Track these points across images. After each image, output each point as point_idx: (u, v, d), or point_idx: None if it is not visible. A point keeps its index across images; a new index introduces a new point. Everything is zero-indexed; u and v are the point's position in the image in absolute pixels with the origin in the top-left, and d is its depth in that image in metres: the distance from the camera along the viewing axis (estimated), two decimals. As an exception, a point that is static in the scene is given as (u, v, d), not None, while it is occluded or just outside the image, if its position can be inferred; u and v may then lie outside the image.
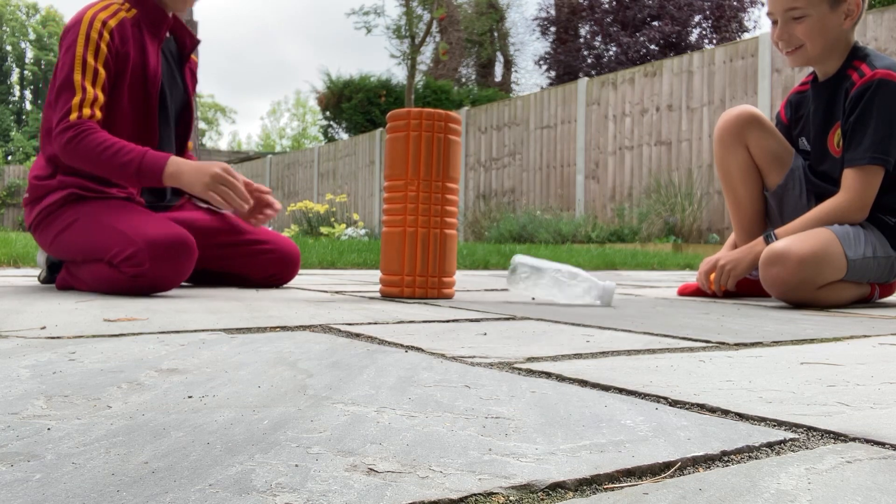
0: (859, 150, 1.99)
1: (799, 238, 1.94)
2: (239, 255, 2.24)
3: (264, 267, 2.26)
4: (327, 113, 18.47)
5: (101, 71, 1.96)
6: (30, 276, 2.70)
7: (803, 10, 2.04)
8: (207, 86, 79.95)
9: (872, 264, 2.02)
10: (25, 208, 2.11)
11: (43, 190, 2.03)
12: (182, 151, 2.31)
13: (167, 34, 2.16)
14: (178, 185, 1.94)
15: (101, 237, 1.88)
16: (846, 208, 2.00)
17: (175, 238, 1.84)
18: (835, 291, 1.99)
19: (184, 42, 2.23)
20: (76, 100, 1.92)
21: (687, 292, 2.34)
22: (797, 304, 1.97)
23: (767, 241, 2.06)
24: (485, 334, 1.21)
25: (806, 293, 1.93)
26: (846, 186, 2.01)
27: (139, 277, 1.81)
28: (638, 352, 1.06)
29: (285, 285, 2.35)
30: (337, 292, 2.12)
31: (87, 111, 1.93)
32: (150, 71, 2.08)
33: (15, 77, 44.68)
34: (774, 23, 2.12)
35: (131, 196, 2.07)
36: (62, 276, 2.06)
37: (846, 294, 2.03)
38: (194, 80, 2.32)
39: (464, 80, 22.35)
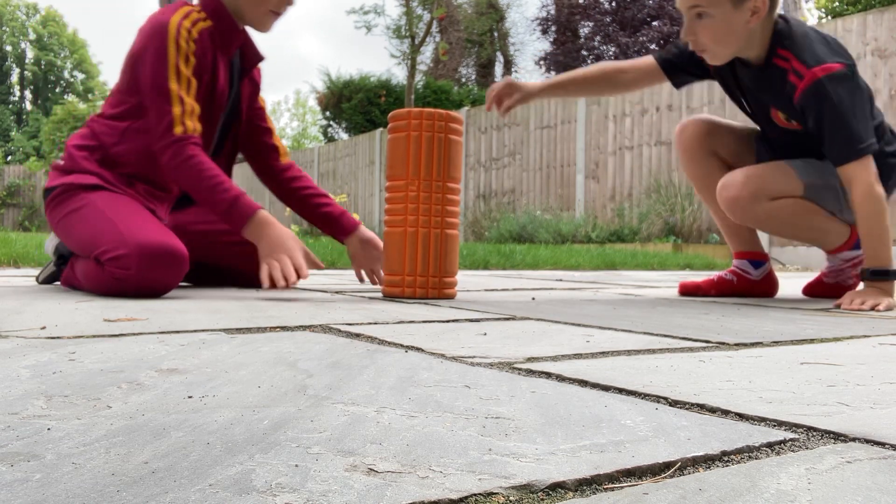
0: (843, 151, 1.95)
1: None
2: (244, 254, 2.24)
3: None
4: (327, 113, 18.46)
5: (193, 80, 1.94)
6: (30, 276, 2.70)
7: (704, 9, 1.96)
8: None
9: (831, 191, 2.09)
10: (51, 172, 2.06)
11: (77, 163, 2.00)
12: (228, 171, 2.25)
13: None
14: (256, 238, 1.91)
15: (98, 230, 1.86)
16: (866, 196, 1.94)
17: (167, 249, 1.79)
18: (814, 218, 2.13)
19: (247, 56, 2.17)
20: (177, 111, 1.89)
21: (688, 291, 2.35)
22: (762, 222, 2.11)
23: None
24: (485, 334, 1.21)
25: (761, 206, 2.05)
26: (850, 180, 1.95)
27: (122, 281, 1.78)
28: (638, 352, 1.06)
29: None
30: (337, 292, 2.12)
31: (189, 124, 1.91)
32: (219, 88, 2.05)
33: (15, 77, 44.65)
34: None
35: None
36: (66, 272, 2.06)
37: (825, 225, 2.16)
38: (256, 91, 2.26)
39: (464, 80, 22.34)
